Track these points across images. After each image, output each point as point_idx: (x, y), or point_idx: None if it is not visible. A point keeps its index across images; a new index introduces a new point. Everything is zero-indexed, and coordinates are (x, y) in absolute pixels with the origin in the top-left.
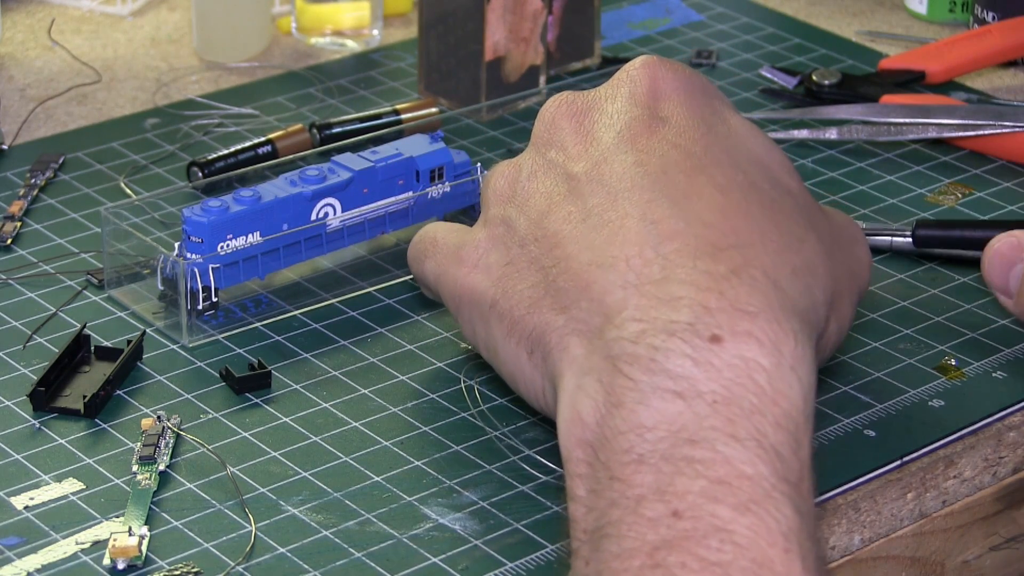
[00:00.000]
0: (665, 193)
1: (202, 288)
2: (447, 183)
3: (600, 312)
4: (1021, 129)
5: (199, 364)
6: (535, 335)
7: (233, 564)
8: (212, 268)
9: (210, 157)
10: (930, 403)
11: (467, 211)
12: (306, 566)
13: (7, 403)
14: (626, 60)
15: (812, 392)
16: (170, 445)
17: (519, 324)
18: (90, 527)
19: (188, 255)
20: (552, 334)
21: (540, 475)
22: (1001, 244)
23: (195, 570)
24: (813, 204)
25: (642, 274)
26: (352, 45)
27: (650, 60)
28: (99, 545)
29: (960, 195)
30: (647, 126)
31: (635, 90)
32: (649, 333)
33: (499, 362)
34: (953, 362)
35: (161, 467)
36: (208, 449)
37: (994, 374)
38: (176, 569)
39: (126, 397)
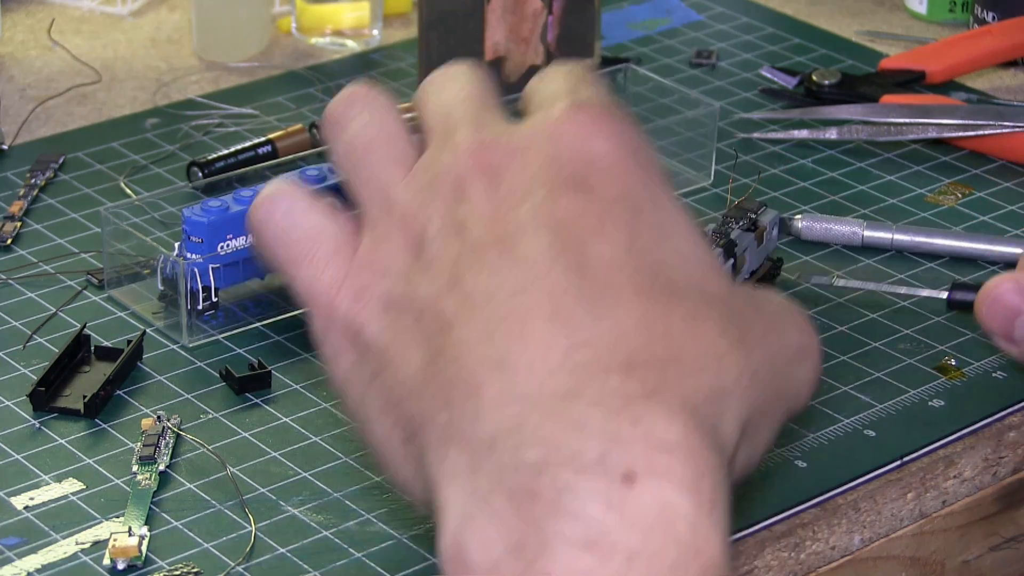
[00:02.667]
0: (580, 290)
1: (202, 288)
2: None
3: (491, 423)
4: (1021, 129)
5: (199, 364)
6: (414, 424)
7: (233, 564)
8: (212, 268)
9: (210, 157)
10: (930, 403)
11: None
12: (306, 566)
13: (7, 403)
14: (626, 60)
15: (728, 536)
16: (170, 445)
17: (398, 406)
18: (90, 527)
19: (188, 255)
20: (432, 431)
21: None
22: (1002, 290)
23: (195, 570)
24: (747, 309)
25: (545, 386)
26: (352, 45)
27: (580, 114)
28: (99, 545)
29: (960, 195)
30: (569, 201)
31: (560, 151)
32: (553, 465)
33: (369, 434)
34: (953, 362)
35: (161, 467)
36: (208, 449)
37: (994, 374)
38: (176, 569)
39: (126, 397)
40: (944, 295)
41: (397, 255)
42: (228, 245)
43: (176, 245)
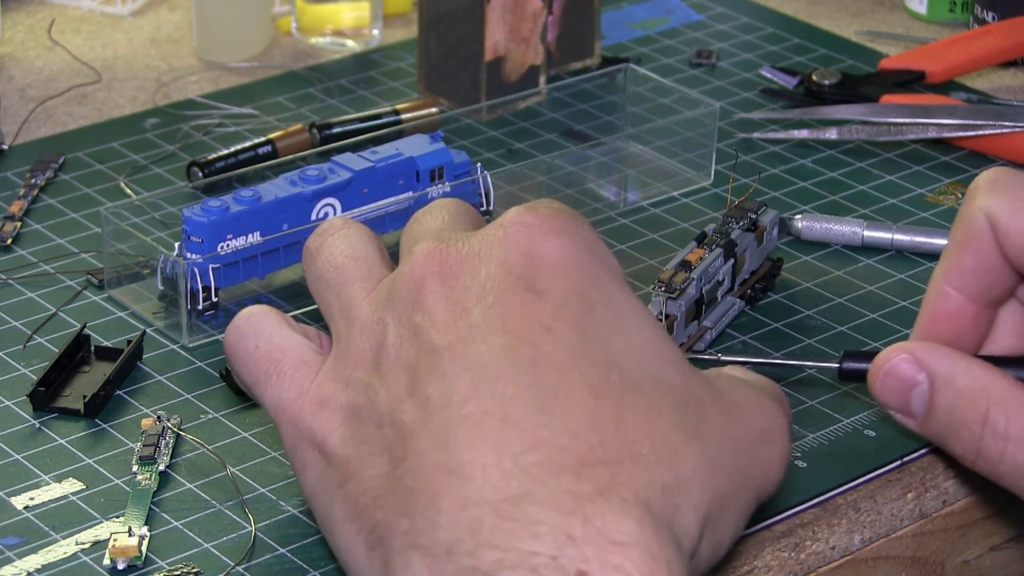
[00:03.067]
0: (532, 390)
1: (202, 288)
2: (447, 183)
3: (449, 529)
4: (1021, 129)
5: (199, 364)
6: (377, 533)
7: (233, 564)
8: (212, 268)
9: (210, 157)
10: None
11: None
12: (306, 566)
13: (7, 403)
14: (626, 60)
15: None
16: (170, 445)
17: (363, 514)
18: (90, 527)
19: (188, 255)
20: (395, 540)
21: None
22: (895, 363)
23: (195, 570)
24: (705, 396)
25: (499, 489)
26: (352, 45)
27: (529, 216)
28: (99, 545)
29: (960, 195)
30: (520, 302)
31: (509, 254)
32: (508, 568)
33: (334, 542)
34: None
35: (161, 467)
36: (208, 449)
37: None
38: (176, 569)
39: (126, 397)
40: (835, 366)
41: (358, 365)
42: (228, 245)
43: (176, 245)
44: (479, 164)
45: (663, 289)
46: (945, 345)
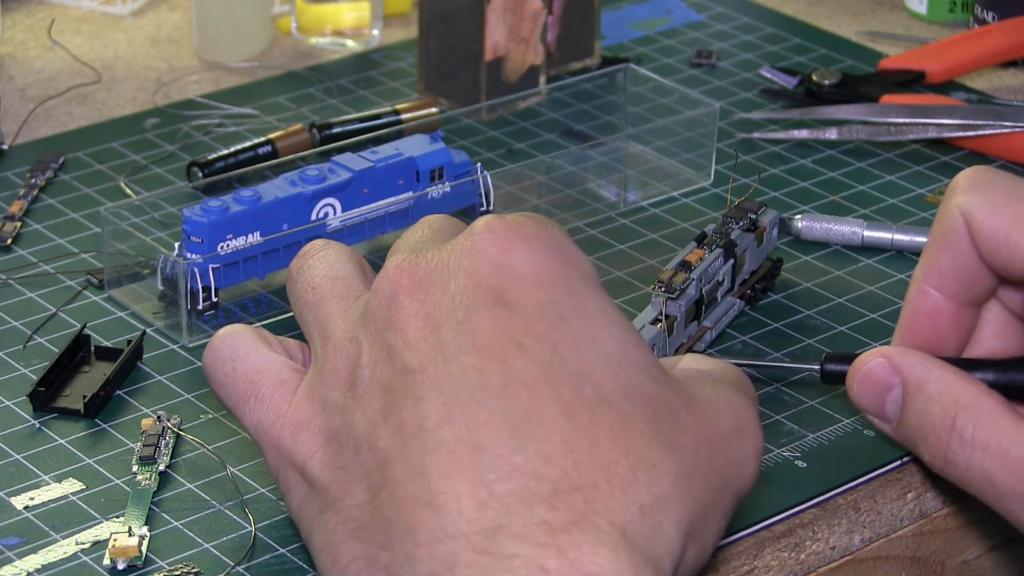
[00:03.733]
0: (504, 413)
1: (202, 288)
2: (447, 183)
3: (426, 564)
4: (1021, 129)
5: (199, 364)
6: (357, 565)
7: (233, 564)
8: (212, 268)
9: (210, 157)
10: None
11: (467, 211)
12: (306, 566)
13: (7, 403)
14: (626, 60)
15: None
16: (170, 445)
17: (341, 545)
18: (90, 527)
19: (188, 255)
20: (375, 572)
21: None
22: (871, 367)
23: (195, 570)
24: (678, 401)
25: (473, 520)
26: (352, 45)
27: (497, 226)
28: (99, 545)
29: None
30: (490, 317)
31: (478, 265)
32: None
33: (317, 562)
34: None
35: (161, 467)
36: (208, 449)
37: None
38: (176, 569)
39: (126, 397)
40: (816, 367)
41: (333, 386)
42: (228, 245)
43: (176, 245)
44: (479, 164)
45: (663, 289)
46: (926, 344)
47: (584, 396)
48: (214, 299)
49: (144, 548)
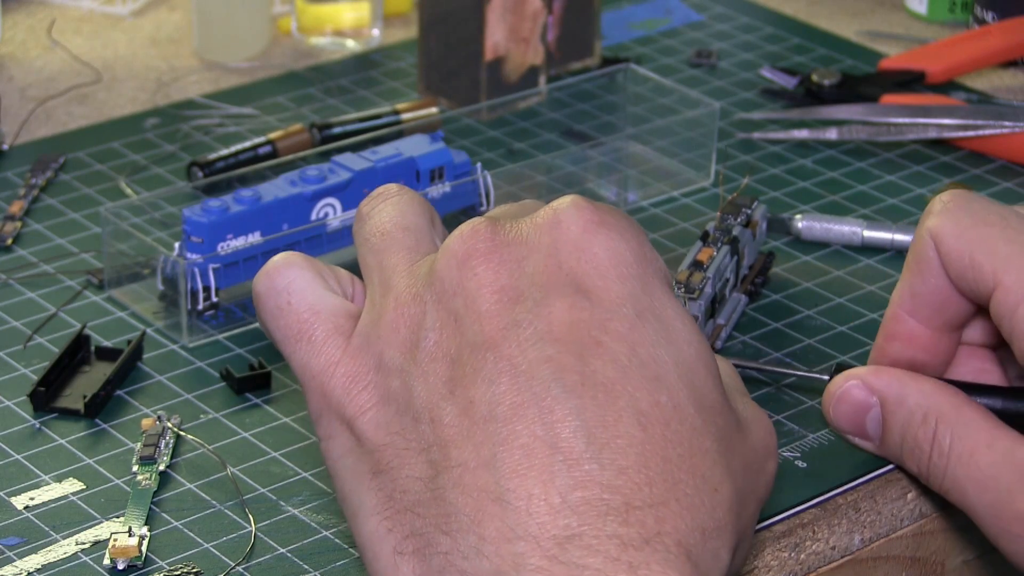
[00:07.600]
0: (580, 415)
1: (202, 288)
2: (447, 183)
3: (491, 560)
4: (1021, 129)
5: (199, 364)
6: (413, 541)
7: (233, 564)
8: (212, 268)
9: (210, 157)
10: None
11: (467, 211)
12: (306, 566)
13: (7, 403)
14: (626, 60)
15: None
16: (170, 445)
17: (398, 516)
18: (90, 527)
19: (188, 255)
20: (434, 556)
21: None
22: (846, 389)
23: (195, 570)
24: (732, 419)
25: (544, 525)
26: (352, 45)
27: (583, 204)
28: (99, 545)
29: None
30: (568, 306)
31: (560, 245)
32: None
33: (355, 524)
34: None
35: (161, 467)
36: (208, 449)
37: None
38: (176, 569)
39: (126, 397)
40: (826, 378)
41: (392, 343)
42: (228, 245)
43: (176, 245)
44: (479, 164)
45: (683, 290)
46: (902, 367)
47: (660, 404)
48: (214, 299)
49: (144, 548)
